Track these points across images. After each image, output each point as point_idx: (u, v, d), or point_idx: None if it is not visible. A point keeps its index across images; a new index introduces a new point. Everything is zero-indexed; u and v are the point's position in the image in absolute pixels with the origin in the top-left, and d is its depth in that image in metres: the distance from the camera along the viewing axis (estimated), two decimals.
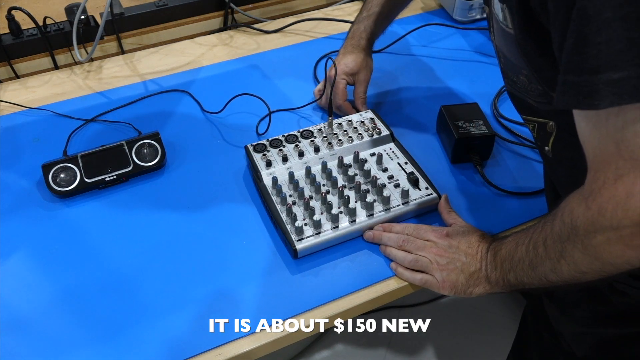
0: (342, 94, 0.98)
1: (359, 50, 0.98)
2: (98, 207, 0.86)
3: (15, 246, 0.80)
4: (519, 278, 0.66)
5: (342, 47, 1.00)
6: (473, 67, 1.12)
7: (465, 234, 0.75)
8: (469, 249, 0.73)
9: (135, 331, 0.70)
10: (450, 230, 0.77)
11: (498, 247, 0.70)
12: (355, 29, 0.99)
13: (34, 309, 0.73)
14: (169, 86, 1.09)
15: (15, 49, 1.11)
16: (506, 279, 0.68)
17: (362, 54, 0.98)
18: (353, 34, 0.99)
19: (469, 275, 0.72)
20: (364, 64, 0.98)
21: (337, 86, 0.97)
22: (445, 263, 0.73)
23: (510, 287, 0.68)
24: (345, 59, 0.97)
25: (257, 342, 0.69)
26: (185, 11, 1.23)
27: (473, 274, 0.72)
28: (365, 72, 0.98)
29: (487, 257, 0.71)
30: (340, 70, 0.96)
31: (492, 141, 0.90)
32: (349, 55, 0.97)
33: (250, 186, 0.88)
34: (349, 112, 0.98)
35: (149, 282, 0.75)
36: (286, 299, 0.73)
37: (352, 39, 0.99)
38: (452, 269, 0.73)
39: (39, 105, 1.04)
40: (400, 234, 0.78)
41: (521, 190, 0.86)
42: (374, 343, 1.57)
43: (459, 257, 0.73)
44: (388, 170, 0.86)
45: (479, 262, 0.72)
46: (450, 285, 0.73)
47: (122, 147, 0.90)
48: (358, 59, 0.97)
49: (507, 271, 0.68)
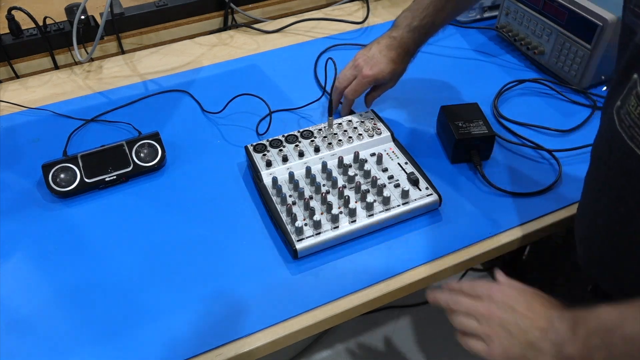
0: (358, 93, 0.93)
1: (402, 63, 0.92)
2: (98, 207, 0.86)
3: (15, 246, 0.80)
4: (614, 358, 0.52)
5: (386, 47, 0.91)
6: (473, 67, 1.12)
7: (527, 295, 0.63)
8: (528, 312, 0.60)
9: (135, 331, 0.70)
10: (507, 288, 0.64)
11: (583, 315, 0.56)
12: (407, 37, 0.90)
13: (34, 309, 0.73)
14: (169, 86, 1.09)
15: (15, 49, 1.11)
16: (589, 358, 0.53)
17: (402, 67, 0.93)
18: (401, 42, 0.91)
19: (526, 345, 0.58)
20: (397, 77, 0.94)
21: (359, 86, 0.92)
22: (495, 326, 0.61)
23: None
24: (385, 67, 0.90)
25: (257, 342, 0.69)
26: (185, 11, 1.23)
27: (532, 345, 0.58)
28: (394, 83, 0.95)
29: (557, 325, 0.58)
30: (374, 76, 0.90)
31: (492, 141, 0.90)
32: (391, 64, 0.90)
33: (250, 186, 0.88)
34: (346, 109, 0.96)
35: (149, 282, 0.75)
36: (286, 299, 0.73)
37: (400, 48, 0.91)
38: (503, 335, 0.60)
39: (39, 105, 1.04)
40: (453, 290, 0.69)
41: (521, 190, 0.86)
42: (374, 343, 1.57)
43: (514, 319, 0.60)
44: (388, 170, 0.86)
45: (542, 331, 0.58)
46: (502, 355, 0.60)
47: (122, 147, 0.90)
48: (397, 71, 0.92)
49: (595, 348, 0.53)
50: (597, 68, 1.01)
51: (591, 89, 1.05)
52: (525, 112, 1.01)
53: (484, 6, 1.23)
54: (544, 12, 1.06)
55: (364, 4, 1.31)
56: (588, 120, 0.99)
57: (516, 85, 1.07)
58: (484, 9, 1.23)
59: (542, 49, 1.09)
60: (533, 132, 0.97)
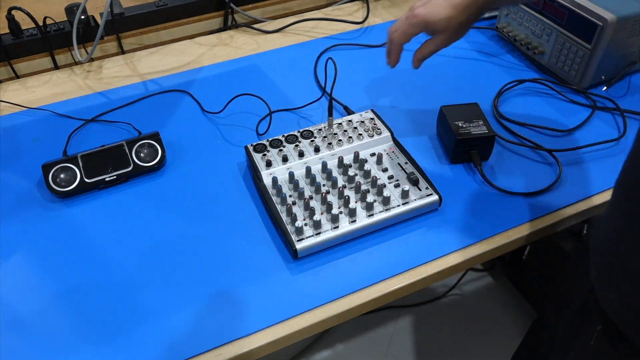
0: (405, 37, 0.80)
1: (463, 11, 0.76)
2: (98, 207, 0.86)
3: (15, 246, 0.80)
4: None
5: None
6: (473, 67, 1.12)
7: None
8: None
9: (135, 331, 0.70)
10: None
11: None
12: None
13: (34, 309, 0.73)
14: (169, 86, 1.09)
15: (15, 49, 1.11)
16: None
17: (461, 18, 0.76)
18: None
19: None
20: (454, 29, 0.77)
21: (407, 29, 0.78)
22: None
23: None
24: (440, 10, 0.76)
25: (257, 342, 0.69)
26: (185, 11, 1.23)
27: None
28: (449, 37, 0.79)
29: None
30: (424, 17, 0.76)
31: (492, 141, 0.90)
32: (449, 9, 0.75)
33: (250, 186, 0.88)
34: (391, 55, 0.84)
35: (149, 282, 0.75)
36: (286, 299, 0.73)
37: None
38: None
39: (39, 105, 1.04)
40: None
41: (521, 190, 0.86)
42: (374, 343, 1.58)
43: None
44: (388, 170, 0.86)
45: None
46: None
47: (122, 147, 0.90)
48: (453, 21, 0.76)
49: None
50: (597, 68, 1.01)
51: (591, 89, 1.05)
52: (525, 112, 1.01)
53: None
54: (544, 12, 1.06)
55: (364, 4, 1.31)
56: (588, 120, 0.99)
57: (516, 85, 1.07)
58: None
59: (542, 49, 1.09)
60: (533, 132, 0.97)
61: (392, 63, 0.85)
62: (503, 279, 1.73)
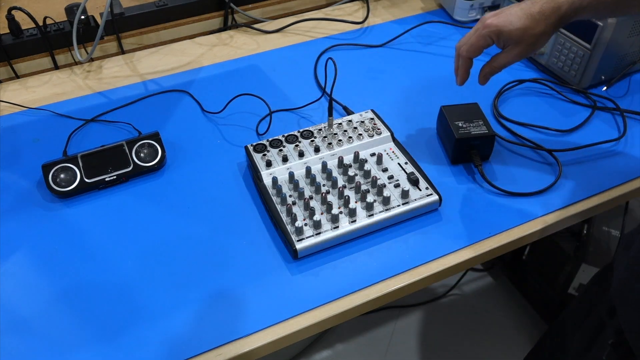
0: (474, 50, 0.77)
1: (541, 22, 0.71)
2: (98, 207, 0.86)
3: (15, 246, 0.80)
4: None
5: (529, 2, 0.73)
6: (473, 67, 1.12)
7: None
8: None
9: (135, 331, 0.70)
10: None
11: None
12: None
13: (34, 309, 0.73)
14: (169, 86, 1.09)
15: (15, 49, 1.11)
16: None
17: (540, 29, 0.71)
18: None
19: None
20: (531, 40, 0.73)
21: (478, 40, 0.75)
22: None
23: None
24: (515, 20, 0.72)
25: (257, 342, 0.69)
26: (185, 11, 1.23)
27: None
28: (523, 50, 0.74)
29: None
30: (497, 28, 0.73)
31: (492, 141, 0.90)
32: (525, 19, 0.71)
33: (250, 186, 0.88)
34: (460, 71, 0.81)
35: (149, 282, 0.75)
36: (286, 299, 0.73)
37: (548, 4, 0.71)
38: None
39: (39, 105, 1.04)
40: None
41: (521, 190, 0.86)
42: (374, 343, 1.58)
43: None
44: (388, 170, 0.86)
45: None
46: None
47: (122, 147, 0.90)
48: (530, 32, 0.71)
49: None
50: (597, 68, 1.01)
51: (591, 89, 1.05)
52: (525, 112, 1.01)
53: (483, 6, 1.23)
54: None
55: (364, 4, 1.31)
56: (588, 120, 0.99)
57: (516, 85, 1.07)
58: (484, 9, 1.23)
59: (542, 49, 1.09)
60: (533, 132, 0.97)
61: (461, 80, 0.80)
62: (503, 279, 1.73)
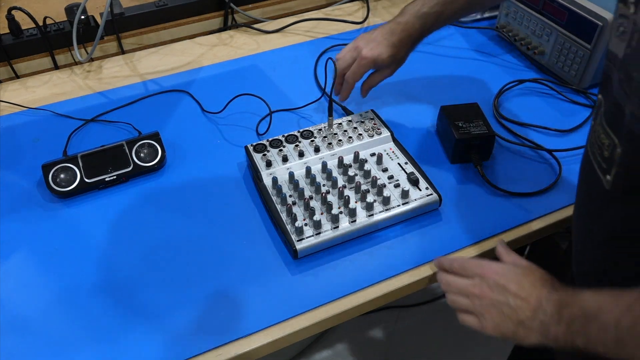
0: (358, 77, 0.91)
1: (402, 48, 0.89)
2: (98, 207, 0.86)
3: (15, 246, 0.80)
4: (591, 346, 0.53)
5: (389, 31, 0.89)
6: (473, 67, 1.12)
7: (518, 274, 0.64)
8: (519, 291, 0.62)
9: (135, 331, 0.70)
10: (500, 268, 0.66)
11: (566, 300, 0.58)
12: (412, 23, 0.88)
13: (34, 309, 0.73)
14: (169, 86, 1.09)
15: (15, 49, 1.11)
16: (571, 340, 0.56)
17: (402, 54, 0.90)
18: (406, 27, 0.88)
19: (517, 323, 0.61)
20: (397, 63, 0.91)
21: (359, 69, 0.90)
22: (486, 305, 0.64)
23: (573, 350, 0.56)
24: (384, 50, 0.88)
25: (257, 342, 0.69)
26: (185, 11, 1.23)
27: (522, 323, 0.61)
28: (392, 70, 0.92)
29: (545, 307, 0.59)
30: (372, 58, 0.88)
31: (492, 141, 0.90)
32: (391, 48, 0.88)
33: (250, 186, 0.88)
34: (345, 93, 0.93)
35: (149, 282, 0.75)
36: (286, 299, 0.73)
37: (404, 33, 0.88)
38: (495, 313, 0.63)
39: (39, 105, 1.04)
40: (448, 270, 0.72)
41: (521, 190, 0.86)
42: (374, 343, 1.58)
43: (505, 300, 0.62)
44: (388, 170, 0.86)
45: (532, 311, 0.60)
46: (494, 331, 0.63)
47: (122, 147, 0.90)
48: (396, 57, 0.89)
49: (576, 334, 0.55)
50: (597, 68, 1.01)
51: (591, 89, 1.05)
52: (525, 112, 1.01)
53: None
54: (543, 12, 1.06)
55: (364, 4, 1.31)
56: (588, 120, 0.99)
57: (516, 85, 1.07)
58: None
59: (542, 49, 1.09)
60: (533, 132, 0.97)
61: (344, 99, 0.95)
62: None
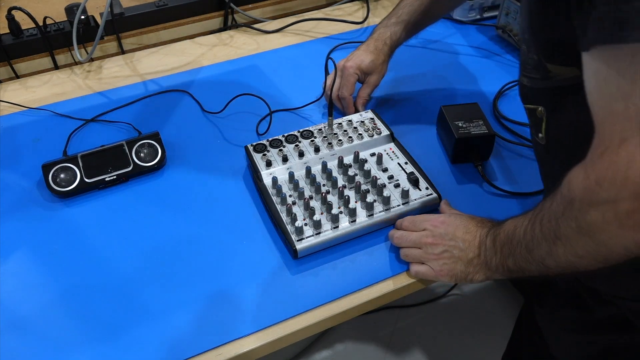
0: (350, 87, 0.98)
1: (380, 53, 0.98)
2: (98, 207, 0.86)
3: (15, 246, 0.80)
4: (517, 263, 0.63)
5: (364, 45, 1.00)
6: (473, 67, 1.12)
7: (463, 220, 0.72)
8: (466, 235, 0.70)
9: (135, 331, 0.70)
10: (446, 218, 0.74)
11: (497, 230, 0.66)
12: (382, 32, 0.99)
13: (34, 309, 0.73)
14: (169, 86, 1.09)
15: (15, 49, 1.11)
16: (505, 264, 0.64)
17: (382, 59, 0.98)
18: (379, 36, 0.99)
19: (467, 262, 0.69)
20: (379, 68, 0.98)
21: (348, 79, 0.97)
22: (439, 252, 0.71)
23: (510, 274, 0.65)
24: (364, 57, 0.97)
25: (257, 342, 0.69)
26: (185, 11, 1.23)
27: (472, 261, 0.69)
28: (377, 76, 0.99)
29: (486, 242, 0.68)
30: (356, 65, 0.96)
31: (492, 141, 0.90)
32: (369, 54, 0.97)
33: (250, 186, 0.88)
34: (349, 108, 0.99)
35: (149, 282, 0.75)
36: (286, 299, 0.73)
37: (377, 41, 0.99)
38: (447, 257, 0.70)
39: (39, 105, 1.04)
40: (399, 229, 0.77)
41: (521, 190, 0.86)
42: (374, 343, 1.58)
43: (456, 244, 0.70)
44: (388, 170, 0.86)
45: (477, 248, 0.69)
46: (448, 274, 0.70)
47: (122, 147, 0.90)
48: (377, 62, 0.97)
49: (507, 256, 0.64)
50: None
51: None
52: None
53: (483, 6, 1.23)
54: None
55: (364, 4, 1.31)
56: None
57: (516, 85, 1.07)
58: (484, 9, 1.23)
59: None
60: None
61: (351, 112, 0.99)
62: (503, 279, 1.73)
